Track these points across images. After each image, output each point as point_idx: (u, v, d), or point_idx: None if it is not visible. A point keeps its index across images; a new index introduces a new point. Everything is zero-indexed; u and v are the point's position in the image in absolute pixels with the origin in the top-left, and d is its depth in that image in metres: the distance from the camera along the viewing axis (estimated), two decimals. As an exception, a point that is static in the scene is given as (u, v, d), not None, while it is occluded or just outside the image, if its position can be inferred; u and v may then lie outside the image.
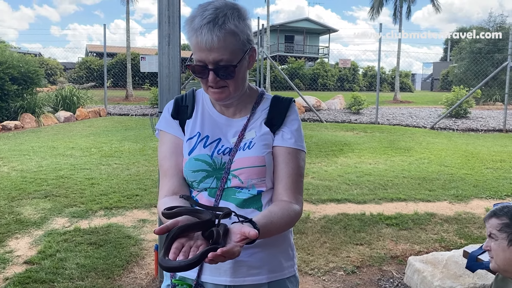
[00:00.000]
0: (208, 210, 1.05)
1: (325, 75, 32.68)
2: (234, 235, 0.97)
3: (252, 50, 1.24)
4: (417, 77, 45.21)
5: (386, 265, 3.57)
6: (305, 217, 4.57)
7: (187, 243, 0.96)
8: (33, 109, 11.85)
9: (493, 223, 1.64)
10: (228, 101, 1.26)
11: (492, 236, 1.63)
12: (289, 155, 1.26)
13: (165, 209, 1.06)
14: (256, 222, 1.04)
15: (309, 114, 14.38)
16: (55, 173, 6.28)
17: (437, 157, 8.08)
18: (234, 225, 1.01)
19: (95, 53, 33.53)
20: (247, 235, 0.95)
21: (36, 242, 3.89)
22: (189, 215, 1.03)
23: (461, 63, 24.92)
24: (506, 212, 1.62)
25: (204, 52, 1.15)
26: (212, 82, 1.19)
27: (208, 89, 1.24)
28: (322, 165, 7.22)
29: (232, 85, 1.21)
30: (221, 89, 1.21)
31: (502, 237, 1.60)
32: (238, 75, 1.21)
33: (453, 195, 5.51)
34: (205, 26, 1.13)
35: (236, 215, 1.05)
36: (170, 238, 0.94)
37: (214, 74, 1.17)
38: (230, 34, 1.14)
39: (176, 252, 0.93)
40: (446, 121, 13.30)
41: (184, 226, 0.97)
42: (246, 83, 1.29)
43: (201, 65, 1.18)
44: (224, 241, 0.95)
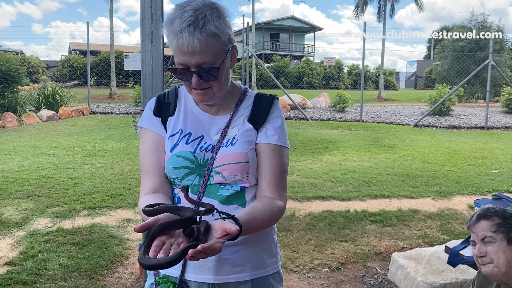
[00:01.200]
0: (190, 207, 1.05)
1: (310, 73, 32.79)
2: (215, 232, 0.97)
3: (233, 48, 1.23)
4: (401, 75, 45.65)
5: (370, 262, 3.60)
6: (290, 214, 4.58)
7: (167, 241, 0.95)
8: (14, 108, 11.65)
9: (484, 226, 1.56)
10: (211, 101, 1.26)
11: (488, 240, 1.54)
12: (273, 151, 1.26)
13: (145, 207, 1.05)
14: (238, 219, 1.04)
15: (295, 112, 14.41)
16: (37, 172, 6.19)
17: (420, 154, 8.18)
18: (215, 221, 1.01)
19: (78, 51, 33.10)
20: (228, 231, 0.95)
21: (17, 243, 3.83)
22: (170, 212, 1.03)
23: (444, 61, 25.27)
24: (494, 212, 1.56)
25: (186, 55, 1.14)
26: (196, 84, 1.18)
27: (191, 91, 1.23)
28: (307, 162, 7.25)
29: (215, 86, 1.21)
30: (204, 90, 1.20)
31: (500, 238, 1.52)
32: (221, 76, 1.20)
33: (436, 192, 5.58)
34: (185, 29, 1.11)
35: (218, 211, 1.04)
36: (150, 236, 0.94)
37: (197, 77, 1.16)
38: (211, 36, 1.13)
39: (157, 250, 0.92)
40: (430, 119, 13.46)
41: (164, 223, 0.96)
42: (229, 81, 1.29)
43: (184, 68, 1.17)
44: (205, 238, 0.95)
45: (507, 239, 1.51)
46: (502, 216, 1.54)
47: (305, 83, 31.79)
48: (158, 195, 1.21)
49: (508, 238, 1.51)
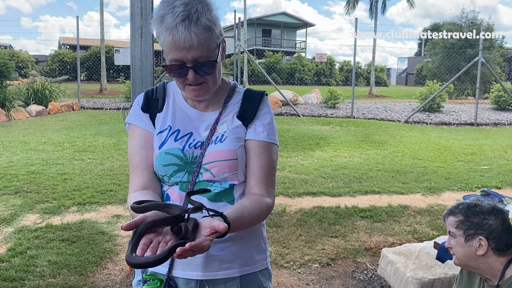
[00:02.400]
0: (178, 205, 1.04)
1: (302, 69, 32.79)
2: (203, 229, 0.96)
3: (223, 41, 1.23)
4: (392, 72, 45.84)
5: (360, 257, 3.61)
6: (281, 210, 4.59)
7: (155, 239, 0.94)
8: (3, 103, 11.51)
9: (450, 221, 1.70)
10: (206, 96, 1.24)
11: (451, 234, 1.69)
12: (262, 148, 1.25)
13: (134, 203, 1.04)
14: (227, 216, 1.03)
15: (286, 108, 14.42)
16: (26, 168, 6.13)
17: (410, 150, 8.23)
18: (204, 219, 1.00)
19: (68, 46, 32.76)
20: (217, 228, 0.94)
21: (5, 239, 3.79)
22: (158, 210, 1.02)
23: (435, 58, 25.39)
24: (461, 209, 1.68)
25: (181, 51, 1.12)
26: (192, 80, 1.16)
27: (185, 87, 1.21)
28: (298, 158, 7.26)
29: (211, 80, 1.20)
30: (200, 85, 1.19)
31: (459, 234, 1.66)
32: (216, 69, 1.19)
33: (426, 188, 5.62)
34: (180, 24, 1.09)
35: (206, 209, 1.04)
36: (137, 234, 0.93)
37: (193, 72, 1.15)
38: (206, 29, 1.12)
39: (144, 248, 0.91)
40: (420, 115, 13.54)
41: (152, 221, 0.95)
42: (221, 76, 1.28)
43: (179, 64, 1.15)
44: (193, 236, 0.94)
45: (465, 235, 1.64)
46: (465, 214, 1.66)
47: (296, 79, 31.79)
48: (147, 192, 1.20)
49: (466, 235, 1.64)
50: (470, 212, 1.65)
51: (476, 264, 1.65)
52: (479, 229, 1.62)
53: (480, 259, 1.63)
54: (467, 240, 1.64)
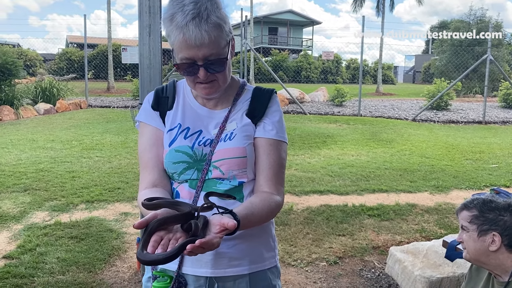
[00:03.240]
0: (188, 203, 1.04)
1: (308, 67, 32.72)
2: (213, 227, 0.96)
3: (233, 39, 1.23)
4: (400, 70, 45.62)
5: (368, 256, 3.61)
6: (288, 208, 4.59)
7: (166, 236, 0.95)
8: (11, 101, 11.59)
9: (464, 216, 1.70)
10: (216, 94, 1.25)
11: (464, 228, 1.70)
12: (271, 146, 1.25)
13: (145, 200, 1.05)
14: (236, 213, 1.04)
15: (293, 106, 14.40)
16: (34, 166, 6.17)
17: (418, 148, 8.19)
18: (213, 216, 1.00)
19: (75, 44, 32.92)
20: (226, 226, 0.95)
21: (15, 236, 3.82)
22: (169, 207, 1.02)
23: (443, 56, 25.25)
24: (476, 204, 1.68)
25: (192, 49, 1.12)
26: (203, 78, 1.16)
27: (196, 86, 1.21)
28: (305, 157, 7.25)
29: (221, 78, 1.20)
30: (210, 83, 1.20)
31: (473, 228, 1.66)
32: (227, 66, 1.20)
33: (434, 186, 5.60)
34: (191, 22, 1.10)
35: (216, 206, 1.04)
36: (148, 232, 0.93)
37: (204, 70, 1.15)
38: (216, 27, 1.12)
39: (155, 245, 0.91)
40: (428, 113, 13.47)
41: (162, 219, 0.96)
42: (230, 73, 1.28)
43: (190, 63, 1.15)
44: (203, 233, 0.95)
45: (478, 231, 1.65)
46: (480, 209, 1.66)
47: (303, 77, 31.73)
48: (157, 189, 1.21)
49: (479, 230, 1.65)
50: (486, 207, 1.66)
51: (487, 259, 1.65)
52: (493, 225, 1.62)
53: (491, 254, 1.63)
54: (480, 235, 1.64)
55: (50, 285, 3.00)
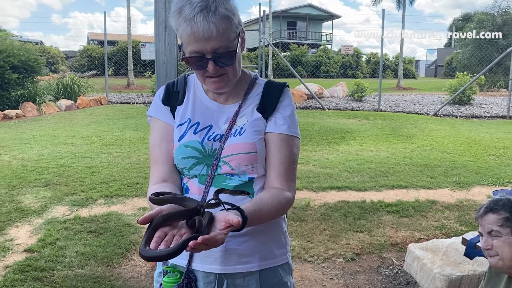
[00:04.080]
0: (194, 199, 1.03)
1: (328, 62, 32.46)
2: (218, 223, 0.95)
3: (243, 32, 1.21)
4: (421, 64, 44.86)
5: (386, 252, 3.56)
6: (305, 204, 4.56)
7: (170, 232, 0.94)
8: (34, 97, 11.83)
9: (491, 220, 1.55)
10: (226, 88, 1.23)
11: (494, 233, 1.54)
12: (282, 141, 1.23)
13: (152, 195, 1.04)
14: (243, 210, 1.02)
15: (311, 101, 14.30)
16: (55, 161, 6.28)
17: (439, 144, 8.04)
18: (219, 212, 0.99)
19: (96, 41, 33.36)
20: (231, 222, 0.93)
21: (36, 230, 3.90)
22: (175, 203, 1.02)
23: (465, 49, 24.71)
24: (503, 205, 1.54)
25: (200, 42, 1.11)
26: (212, 71, 1.15)
27: (205, 80, 1.20)
28: (323, 152, 7.20)
29: (231, 71, 1.18)
30: (220, 77, 1.18)
31: (506, 232, 1.51)
32: (236, 60, 1.18)
33: (455, 182, 5.48)
34: (198, 14, 1.08)
35: (222, 203, 1.02)
36: (152, 227, 0.92)
37: (213, 63, 1.14)
38: (224, 19, 1.11)
39: (158, 241, 0.90)
40: (449, 108, 13.21)
41: (167, 214, 0.95)
42: (241, 67, 1.26)
43: (198, 56, 1.13)
44: (208, 229, 0.93)
45: None
46: (510, 210, 1.52)
47: (322, 72, 31.50)
48: (167, 184, 1.21)
49: None
50: None
51: None
52: None
53: None
54: None
55: (69, 278, 3.04)
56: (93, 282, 3.00)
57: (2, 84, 11.34)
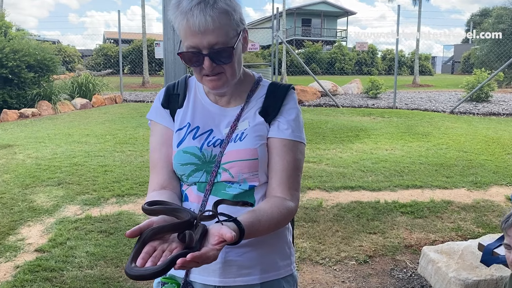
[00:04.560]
0: (188, 210, 0.98)
1: (342, 59, 32.18)
2: (212, 237, 0.89)
3: (245, 31, 1.16)
4: (438, 60, 44.20)
5: (399, 255, 3.47)
6: (317, 205, 4.49)
7: (160, 247, 0.88)
8: (49, 96, 11.95)
9: None
10: (224, 88, 1.17)
11: None
12: (285, 147, 1.16)
13: (145, 204, 0.99)
14: (241, 222, 0.96)
15: (325, 99, 14.17)
16: (69, 160, 6.32)
17: (456, 142, 7.87)
18: (213, 225, 0.93)
19: (112, 40, 33.63)
20: (224, 237, 0.87)
21: (47, 230, 3.91)
22: (168, 214, 0.96)
23: (483, 45, 24.20)
24: None
25: (196, 36, 1.05)
26: (208, 68, 1.09)
27: (202, 78, 1.14)
28: (336, 151, 7.10)
29: (229, 70, 1.12)
30: (217, 76, 1.12)
31: None
32: (235, 59, 1.12)
33: (472, 182, 5.35)
34: (195, 7, 1.04)
35: (217, 215, 0.96)
36: (141, 241, 0.87)
37: (209, 59, 1.08)
38: (223, 13, 1.06)
39: (145, 257, 0.85)
40: (466, 105, 12.94)
41: (157, 228, 0.89)
42: (241, 67, 1.20)
43: (194, 52, 1.08)
44: (200, 244, 0.87)
45: None
46: None
47: (337, 69, 31.25)
48: (165, 191, 1.16)
49: None
50: None
51: None
52: None
53: None
54: None
55: (78, 279, 3.04)
56: (102, 283, 2.99)
57: (19, 83, 11.48)
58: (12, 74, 11.14)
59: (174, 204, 1.03)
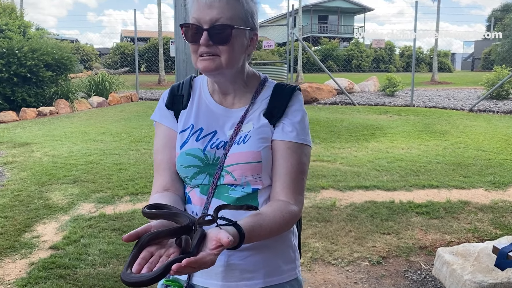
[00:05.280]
0: (188, 214, 0.97)
1: (359, 56, 31.88)
2: (209, 242, 0.87)
3: (254, 34, 1.15)
4: (457, 57, 43.45)
5: (414, 256, 3.42)
6: (330, 204, 4.45)
7: (157, 252, 0.87)
8: (67, 95, 12.10)
9: None
10: (215, 73, 1.13)
11: None
12: (289, 150, 1.14)
13: (145, 207, 0.98)
14: (241, 226, 0.94)
15: (341, 97, 14.05)
16: (84, 158, 6.39)
17: (474, 141, 7.72)
18: (211, 230, 0.91)
19: (129, 38, 33.94)
20: (221, 241, 0.85)
21: (62, 227, 3.96)
22: (166, 219, 0.95)
23: (505, 41, 23.68)
24: None
25: (202, 10, 1.07)
26: (204, 43, 1.08)
27: (197, 60, 1.12)
28: (351, 150, 7.03)
29: (224, 53, 1.10)
30: (212, 56, 1.10)
31: None
32: (233, 44, 1.10)
33: (490, 182, 5.24)
34: None
35: (216, 219, 0.95)
36: (138, 247, 0.86)
37: (207, 35, 1.08)
38: None
39: (141, 263, 0.84)
40: (486, 103, 12.68)
41: (154, 233, 0.88)
42: (240, 63, 1.17)
43: (196, 26, 1.08)
44: (198, 249, 0.86)
45: None
46: None
47: (354, 66, 30.97)
48: (168, 193, 1.15)
49: None
50: None
51: None
52: None
53: None
54: None
55: (91, 277, 3.06)
56: (114, 281, 3.00)
57: (37, 82, 11.66)
58: (30, 73, 11.32)
59: (175, 208, 1.01)
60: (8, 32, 11.79)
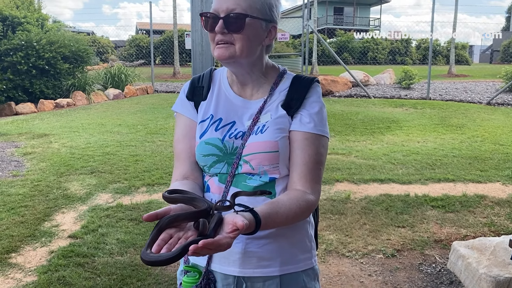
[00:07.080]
0: (206, 200, 1.00)
1: (375, 48, 31.53)
2: (226, 226, 0.90)
3: (272, 26, 1.18)
4: (475, 49, 42.67)
5: (428, 249, 3.41)
6: (345, 197, 4.46)
7: (176, 234, 0.90)
8: (83, 87, 12.25)
9: None
10: (231, 62, 1.17)
11: None
12: (307, 140, 1.16)
13: (166, 192, 1.02)
14: (258, 212, 0.97)
15: (356, 89, 13.95)
16: (101, 149, 6.48)
17: (491, 135, 7.61)
18: (228, 215, 0.94)
19: (144, 31, 34.07)
20: (237, 225, 0.88)
21: (80, 217, 4.04)
22: (185, 203, 0.99)
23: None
24: None
25: (221, 1, 1.13)
26: (219, 31, 1.12)
27: (215, 48, 1.17)
28: (367, 143, 7.01)
29: (239, 42, 1.13)
30: (226, 44, 1.14)
31: None
32: (248, 32, 1.13)
33: (507, 176, 5.18)
34: None
35: (233, 204, 0.98)
36: (158, 228, 0.90)
37: (223, 22, 1.12)
38: None
39: (161, 244, 0.87)
40: (505, 96, 12.47)
41: (173, 216, 0.92)
42: (262, 58, 1.21)
43: (213, 15, 1.13)
44: (214, 232, 0.89)
45: None
46: None
47: (369, 59, 30.66)
48: (187, 182, 1.18)
49: None
50: None
51: None
52: None
53: None
54: None
55: (109, 265, 3.13)
56: (131, 270, 3.07)
57: (55, 74, 11.82)
58: (48, 65, 11.48)
59: (193, 194, 1.05)
60: (26, 25, 11.94)
